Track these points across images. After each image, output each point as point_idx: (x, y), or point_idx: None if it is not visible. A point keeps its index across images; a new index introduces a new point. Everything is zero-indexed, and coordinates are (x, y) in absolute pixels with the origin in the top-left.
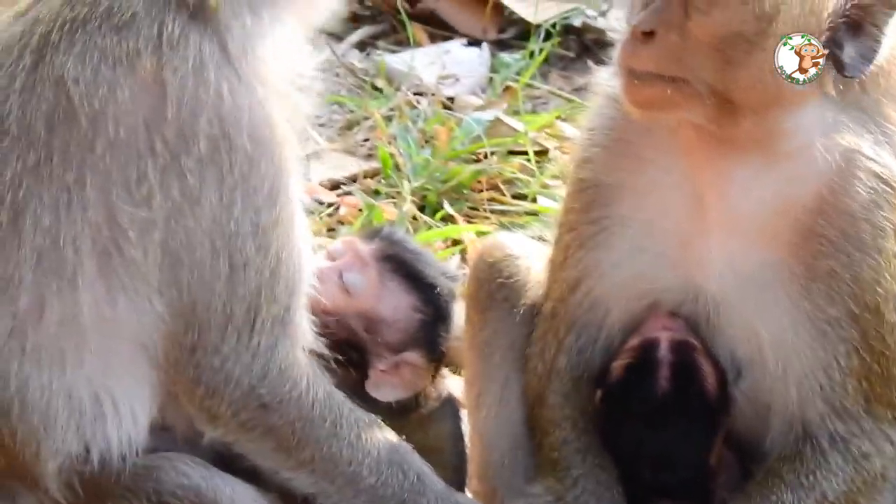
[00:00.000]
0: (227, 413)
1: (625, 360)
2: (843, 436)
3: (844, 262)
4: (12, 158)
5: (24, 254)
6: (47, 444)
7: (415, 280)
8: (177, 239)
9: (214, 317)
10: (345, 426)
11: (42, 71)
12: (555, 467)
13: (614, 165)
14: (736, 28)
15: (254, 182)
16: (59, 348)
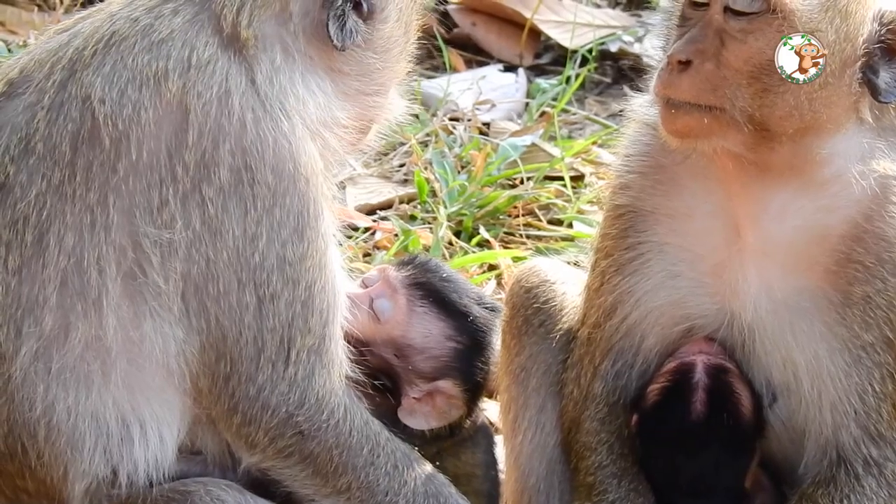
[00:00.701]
0: (264, 440)
1: (660, 383)
2: (878, 460)
3: (880, 288)
4: (37, 177)
5: (48, 274)
6: (74, 467)
7: (446, 307)
8: (198, 269)
9: (246, 348)
10: (382, 455)
11: (71, 88)
12: (590, 492)
13: (650, 192)
14: (771, 56)
15: (279, 215)
16: (86, 371)
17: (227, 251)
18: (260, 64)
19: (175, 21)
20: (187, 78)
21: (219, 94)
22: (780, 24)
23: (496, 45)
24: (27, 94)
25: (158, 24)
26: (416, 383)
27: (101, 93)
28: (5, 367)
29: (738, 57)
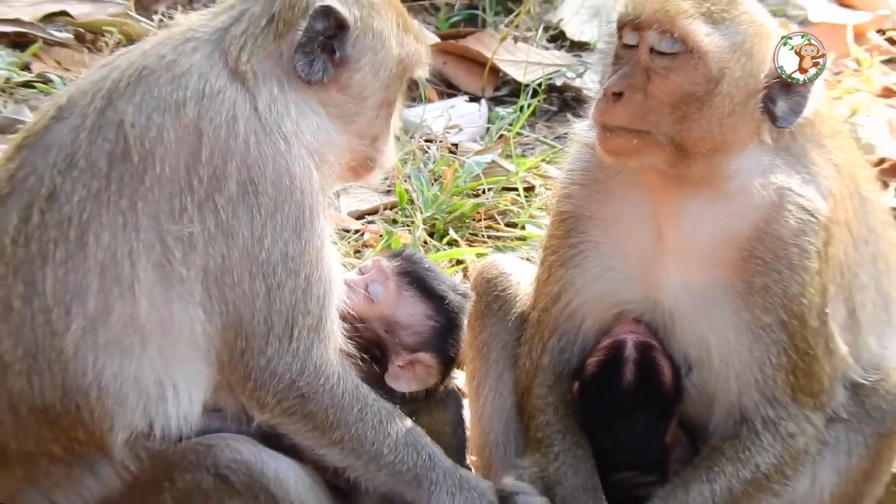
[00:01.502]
0: (272, 401)
1: (597, 357)
2: (774, 419)
3: (776, 279)
4: (79, 186)
5: (89, 265)
6: (119, 421)
7: (427, 292)
8: (214, 263)
9: (258, 327)
10: (369, 413)
11: (108, 114)
12: (540, 445)
13: (589, 200)
14: (689, 89)
15: (280, 220)
16: (127, 343)
17: (237, 249)
18: (261, 94)
19: (194, 57)
20: (202, 105)
21: (227, 120)
22: (696, 63)
23: (463, 80)
24: (72, 118)
25: (180, 59)
26: (401, 354)
27: (132, 118)
28: (58, 340)
29: (662, 90)
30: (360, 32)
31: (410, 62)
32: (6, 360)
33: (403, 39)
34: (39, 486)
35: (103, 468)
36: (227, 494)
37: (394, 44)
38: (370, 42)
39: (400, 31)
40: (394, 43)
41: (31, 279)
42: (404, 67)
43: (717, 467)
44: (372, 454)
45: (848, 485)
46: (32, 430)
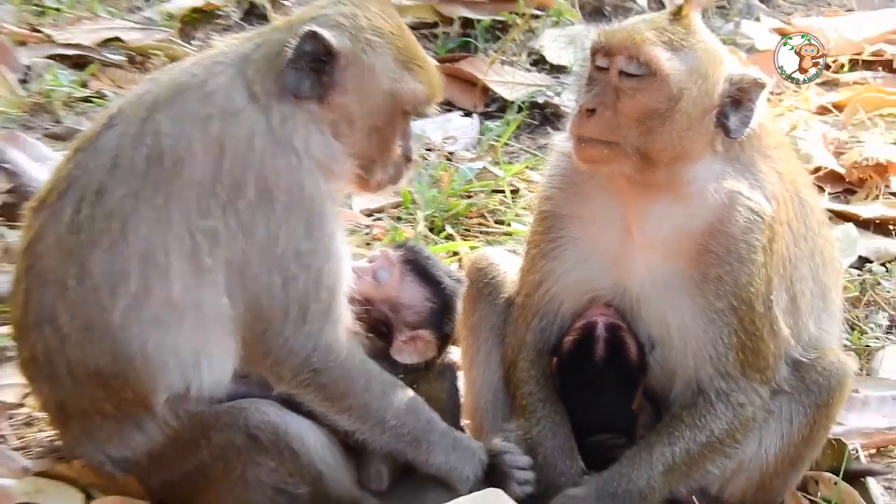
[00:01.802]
0: (289, 375)
1: (573, 336)
2: (726, 391)
3: (728, 270)
4: (122, 184)
5: (131, 252)
6: (160, 383)
7: (426, 277)
8: (236, 257)
9: (276, 313)
10: (374, 384)
11: (148, 124)
12: (524, 411)
13: (567, 201)
14: (653, 106)
15: (292, 223)
16: (166, 320)
17: (256, 246)
18: (273, 113)
19: (220, 79)
20: (225, 122)
21: (246, 136)
22: (658, 84)
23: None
24: (119, 126)
25: (210, 80)
26: (404, 331)
27: (167, 129)
28: (107, 316)
29: (629, 107)
30: (349, 62)
31: (404, 98)
32: (64, 332)
33: (401, 77)
34: (95, 440)
35: (148, 424)
36: (256, 451)
37: (384, 79)
38: (357, 72)
39: (398, 68)
40: (384, 78)
41: (83, 263)
42: (395, 101)
43: (677, 432)
44: (377, 419)
45: (790, 448)
46: (88, 390)
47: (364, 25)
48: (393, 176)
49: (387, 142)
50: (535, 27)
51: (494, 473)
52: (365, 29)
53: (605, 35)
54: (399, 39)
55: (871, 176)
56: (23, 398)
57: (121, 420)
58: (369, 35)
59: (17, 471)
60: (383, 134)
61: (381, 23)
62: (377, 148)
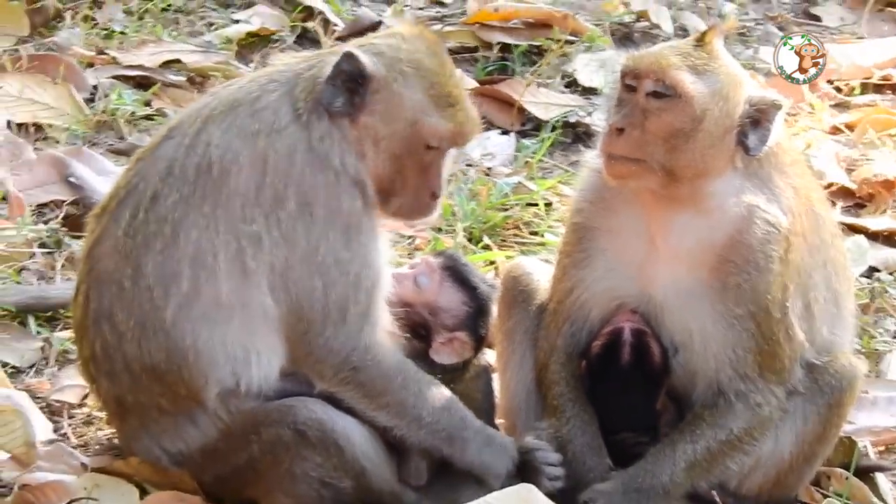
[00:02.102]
0: (330, 373)
1: (601, 341)
2: (744, 392)
3: (746, 279)
4: (174, 191)
5: (181, 255)
6: (211, 378)
7: (463, 283)
8: (279, 262)
9: (317, 314)
10: (411, 382)
11: (201, 135)
12: (555, 411)
13: (596, 214)
14: (678, 126)
15: (331, 235)
16: (215, 317)
17: (298, 253)
18: (314, 130)
19: (271, 97)
20: (270, 138)
21: (288, 152)
22: (683, 105)
23: (496, 118)
24: (177, 136)
25: (263, 97)
26: (442, 333)
27: (217, 140)
28: (160, 314)
29: (656, 127)
30: (380, 87)
31: (424, 130)
32: (121, 330)
33: (427, 110)
34: (151, 434)
35: (202, 419)
36: (303, 447)
37: (409, 109)
38: (386, 97)
39: (427, 102)
40: (410, 108)
41: (138, 264)
42: (416, 132)
43: (699, 430)
44: (413, 416)
45: (804, 445)
46: (144, 385)
47: (403, 58)
48: (413, 208)
49: (405, 171)
50: (569, 52)
51: (526, 469)
52: (403, 60)
53: (633, 59)
54: (437, 77)
55: (879, 191)
56: (83, 399)
57: (176, 415)
58: (405, 66)
59: (77, 467)
60: (402, 162)
61: (421, 58)
62: (395, 175)
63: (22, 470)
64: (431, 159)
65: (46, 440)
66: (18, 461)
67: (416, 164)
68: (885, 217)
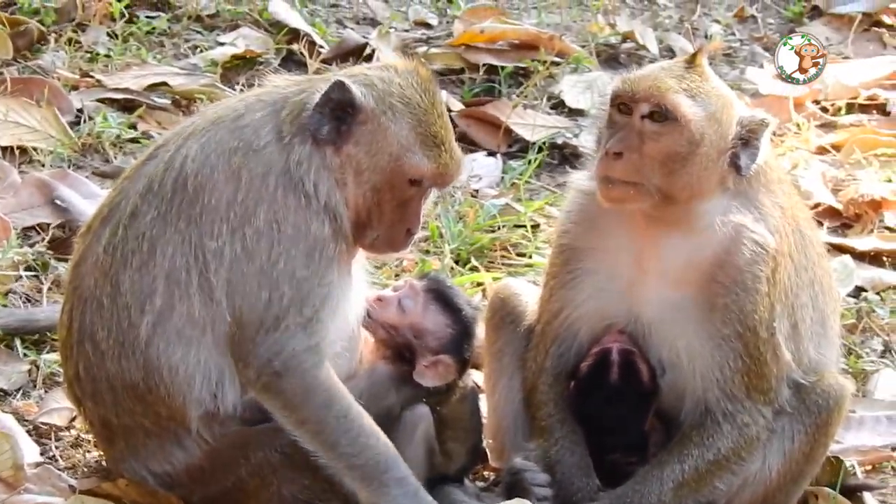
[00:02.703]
0: (254, 377)
1: (589, 361)
2: (732, 412)
3: (734, 299)
4: (152, 208)
5: (157, 271)
6: (190, 399)
7: (448, 305)
8: (235, 278)
9: (254, 320)
10: (336, 405)
11: (181, 150)
12: (543, 432)
13: (583, 235)
14: (675, 150)
15: (293, 251)
16: (188, 335)
17: (255, 266)
18: (294, 152)
19: (255, 115)
20: (247, 157)
21: (263, 172)
22: (682, 129)
23: (483, 139)
24: (160, 155)
25: (246, 115)
26: (426, 355)
27: (194, 155)
28: (136, 331)
29: (654, 151)
30: (367, 118)
31: (406, 166)
32: (102, 349)
33: (411, 146)
34: (138, 456)
35: (187, 441)
36: (291, 469)
37: (394, 143)
38: (372, 129)
39: (413, 138)
40: (395, 143)
41: (116, 282)
42: (398, 167)
43: (687, 450)
44: (331, 441)
45: (791, 464)
46: (127, 406)
47: (394, 92)
48: (387, 242)
49: (383, 204)
50: (555, 73)
51: (515, 490)
52: (394, 95)
53: (630, 82)
54: (426, 115)
55: (866, 211)
56: (70, 421)
57: (161, 436)
58: (395, 101)
59: (65, 490)
60: (381, 196)
61: (412, 94)
62: (373, 208)
63: (10, 492)
64: (412, 196)
65: (34, 463)
66: (6, 484)
67: (396, 199)
68: (872, 237)
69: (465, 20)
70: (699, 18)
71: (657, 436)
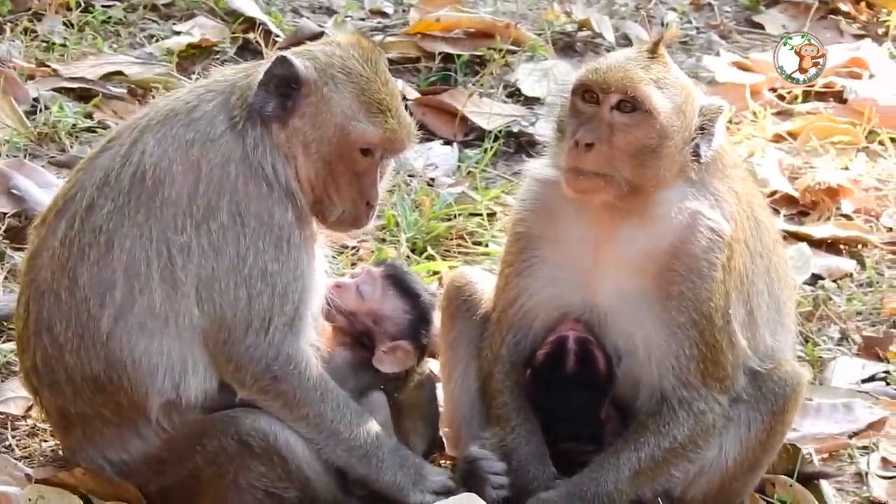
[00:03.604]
0: (249, 381)
1: (545, 350)
2: (688, 399)
3: (690, 287)
4: (108, 201)
5: (116, 265)
6: (151, 389)
7: (406, 292)
8: (205, 272)
9: (239, 323)
10: (329, 397)
11: (137, 144)
12: (499, 420)
13: (539, 223)
14: (645, 142)
15: (261, 245)
16: (150, 327)
17: (225, 264)
18: (248, 137)
19: (208, 106)
20: (204, 148)
21: (222, 162)
22: (651, 121)
23: (439, 128)
24: (115, 147)
25: (200, 106)
26: (385, 341)
27: (151, 149)
28: (96, 324)
29: (624, 142)
30: (311, 91)
31: (354, 136)
32: (60, 341)
33: (356, 115)
34: (95, 445)
35: (145, 430)
36: (248, 457)
37: (338, 113)
38: (316, 101)
39: (357, 107)
40: (339, 113)
41: (74, 275)
42: (344, 137)
43: (643, 438)
44: (331, 430)
45: (748, 452)
46: (86, 396)
47: (335, 63)
48: (348, 217)
49: (337, 177)
50: (511, 62)
51: (471, 479)
52: (335, 66)
53: (600, 73)
54: (368, 83)
55: (823, 199)
56: (26, 410)
57: (119, 425)
58: (336, 72)
59: (21, 479)
60: (333, 168)
61: (354, 64)
62: (327, 182)
63: None
64: (365, 167)
65: None
66: None
67: (349, 171)
68: (829, 225)
69: (421, 9)
70: (655, 6)
71: (613, 424)
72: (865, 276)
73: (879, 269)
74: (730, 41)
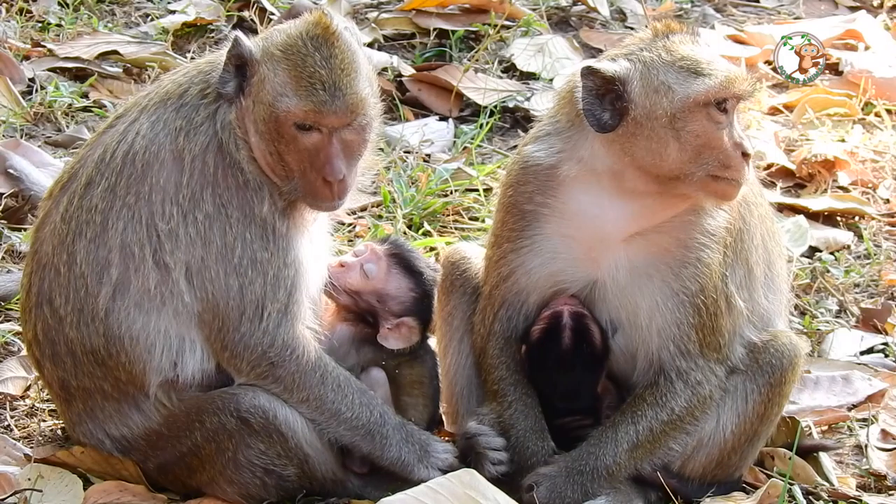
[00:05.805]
0: (246, 368)
1: (541, 325)
2: (685, 370)
3: (694, 262)
4: (104, 179)
5: (111, 244)
6: (149, 365)
7: (410, 269)
8: (194, 261)
9: (233, 311)
10: (329, 378)
11: (134, 124)
12: (496, 395)
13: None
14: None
15: (248, 235)
16: (147, 306)
17: (214, 253)
18: (220, 118)
19: (195, 90)
20: (188, 137)
21: (201, 151)
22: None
23: (434, 104)
24: (118, 125)
25: (189, 90)
26: (389, 319)
27: (144, 131)
28: (95, 300)
29: None
30: (254, 70)
31: (282, 111)
32: (60, 314)
33: (285, 91)
34: (95, 419)
35: (145, 405)
36: (247, 434)
37: (270, 90)
38: (258, 79)
39: (289, 83)
40: (270, 89)
41: (72, 251)
42: (276, 113)
43: (640, 411)
44: (333, 411)
45: (746, 424)
46: (87, 369)
47: (278, 41)
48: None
49: (284, 156)
50: (506, 37)
51: (469, 454)
52: (277, 44)
53: (742, 81)
54: (304, 59)
55: (819, 171)
56: (25, 390)
57: (120, 400)
58: (275, 49)
59: (20, 459)
60: (278, 146)
61: (295, 41)
62: (278, 160)
63: None
64: (313, 143)
65: None
66: None
67: (295, 149)
68: (825, 197)
69: None
70: None
71: (610, 398)
72: (863, 248)
73: (877, 240)
74: (725, 14)
